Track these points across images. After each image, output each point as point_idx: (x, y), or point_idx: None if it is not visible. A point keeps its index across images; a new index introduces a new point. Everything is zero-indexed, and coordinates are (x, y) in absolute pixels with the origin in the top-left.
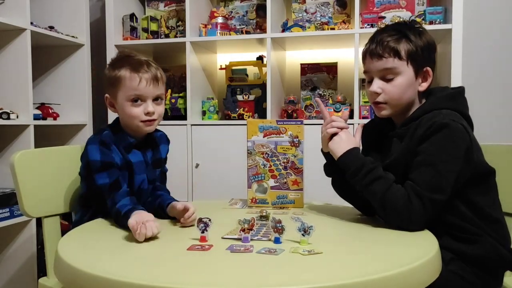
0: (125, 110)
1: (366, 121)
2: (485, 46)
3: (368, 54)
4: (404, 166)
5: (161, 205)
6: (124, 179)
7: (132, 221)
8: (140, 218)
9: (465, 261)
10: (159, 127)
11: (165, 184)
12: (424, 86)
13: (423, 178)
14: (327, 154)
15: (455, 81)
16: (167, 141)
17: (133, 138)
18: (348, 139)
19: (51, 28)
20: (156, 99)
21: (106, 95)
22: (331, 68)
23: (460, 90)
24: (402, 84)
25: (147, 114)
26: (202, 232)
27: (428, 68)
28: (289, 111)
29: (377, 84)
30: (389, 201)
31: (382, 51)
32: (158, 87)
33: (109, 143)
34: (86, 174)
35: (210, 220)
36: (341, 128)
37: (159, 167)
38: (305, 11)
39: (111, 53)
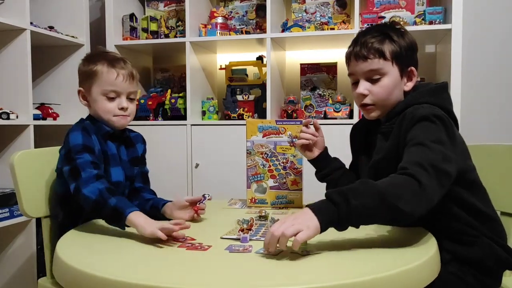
0: (99, 104)
1: (353, 125)
2: (484, 46)
3: (353, 56)
4: (393, 163)
5: (155, 207)
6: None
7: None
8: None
9: (463, 263)
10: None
11: (149, 185)
12: (409, 85)
13: (415, 156)
14: (312, 162)
15: (455, 81)
16: (143, 142)
17: (109, 128)
18: (298, 217)
19: (51, 28)
20: (129, 96)
21: (80, 88)
22: (331, 68)
23: (443, 85)
24: (389, 84)
25: (121, 109)
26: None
27: (413, 68)
28: (289, 111)
29: (364, 86)
30: (390, 194)
31: (367, 52)
32: (133, 84)
33: (90, 131)
34: (66, 160)
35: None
36: (308, 139)
37: (137, 166)
38: (305, 11)
39: None
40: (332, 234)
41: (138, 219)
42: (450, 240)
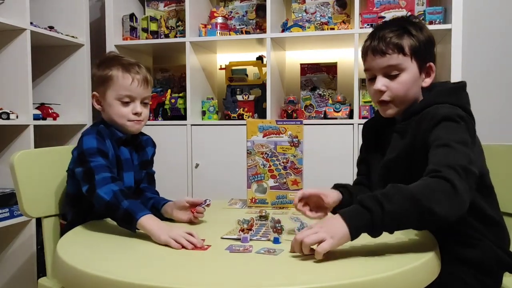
0: (113, 109)
1: (365, 121)
2: (484, 46)
3: (370, 51)
4: (407, 163)
5: (155, 207)
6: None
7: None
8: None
9: (464, 264)
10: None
11: (154, 186)
12: (427, 81)
13: (442, 157)
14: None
15: (455, 81)
16: (153, 145)
17: (122, 134)
18: (324, 225)
19: (51, 28)
20: (144, 101)
21: (94, 93)
22: (331, 68)
23: (462, 85)
24: (407, 80)
25: (135, 114)
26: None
27: (431, 64)
28: (289, 111)
29: (381, 82)
30: (425, 198)
31: (386, 47)
32: (147, 89)
33: (104, 135)
34: (79, 162)
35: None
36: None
37: (145, 169)
38: (305, 11)
39: None
40: None
41: (150, 225)
42: (452, 241)
